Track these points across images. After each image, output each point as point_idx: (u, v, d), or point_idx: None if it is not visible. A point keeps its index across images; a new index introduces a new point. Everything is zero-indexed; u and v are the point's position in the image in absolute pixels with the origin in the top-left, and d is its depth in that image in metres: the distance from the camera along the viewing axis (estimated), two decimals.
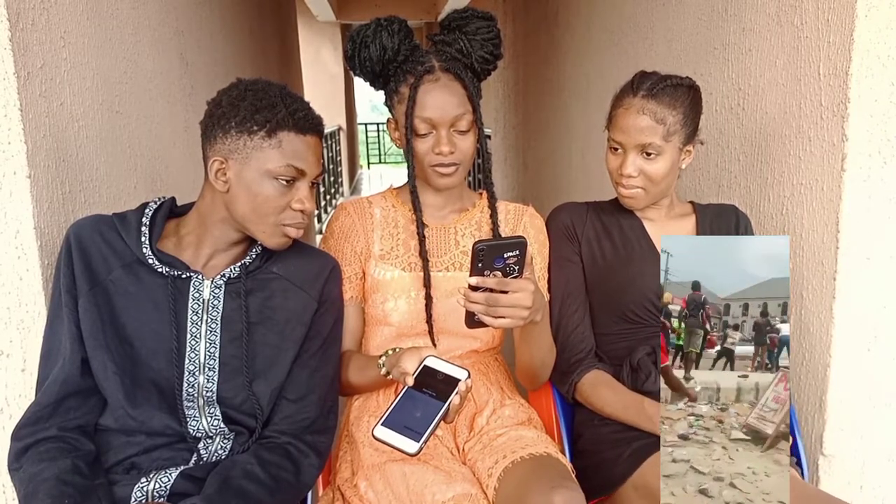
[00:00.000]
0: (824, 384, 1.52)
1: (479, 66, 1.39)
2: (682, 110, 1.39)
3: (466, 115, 1.34)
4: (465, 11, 1.39)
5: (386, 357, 1.24)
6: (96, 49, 1.45)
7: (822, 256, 1.50)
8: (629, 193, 1.45)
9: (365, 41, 1.36)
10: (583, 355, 1.48)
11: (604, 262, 1.50)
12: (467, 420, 1.37)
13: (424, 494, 1.17)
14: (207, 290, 1.20)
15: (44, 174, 1.23)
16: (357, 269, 1.42)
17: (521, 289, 1.11)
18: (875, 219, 1.45)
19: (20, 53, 1.17)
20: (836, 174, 1.45)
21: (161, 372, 1.16)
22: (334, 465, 1.39)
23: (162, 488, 1.12)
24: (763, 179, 1.68)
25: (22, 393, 1.24)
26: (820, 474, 1.55)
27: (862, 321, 1.49)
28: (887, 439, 1.55)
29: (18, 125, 1.17)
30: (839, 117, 1.43)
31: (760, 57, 1.67)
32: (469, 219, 1.47)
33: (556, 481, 1.15)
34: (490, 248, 1.08)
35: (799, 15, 1.53)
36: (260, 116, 1.13)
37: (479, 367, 1.44)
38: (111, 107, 1.51)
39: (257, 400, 1.20)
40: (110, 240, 1.18)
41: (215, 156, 1.16)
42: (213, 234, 1.21)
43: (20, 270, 1.21)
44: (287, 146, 1.15)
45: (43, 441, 1.10)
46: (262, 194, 1.15)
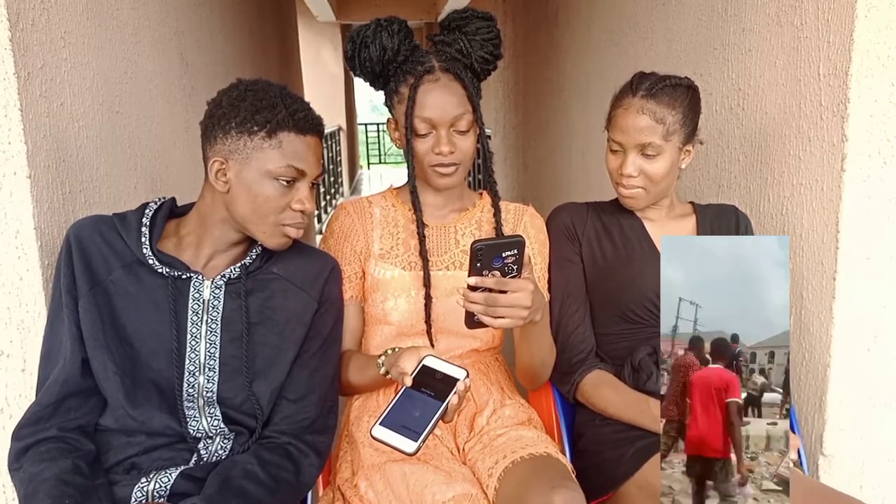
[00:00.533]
0: (824, 384, 1.52)
1: (478, 67, 1.39)
2: (682, 110, 1.39)
3: (466, 115, 1.34)
4: (464, 12, 1.39)
5: (385, 356, 1.24)
6: (96, 49, 1.45)
7: (822, 256, 1.50)
8: (629, 193, 1.45)
9: (365, 41, 1.37)
10: (584, 355, 1.48)
11: (604, 262, 1.50)
12: (467, 420, 1.37)
13: (424, 494, 1.17)
14: (207, 290, 1.20)
15: (44, 174, 1.23)
16: (357, 269, 1.42)
17: (520, 288, 1.11)
18: (875, 219, 1.45)
19: (20, 54, 1.17)
20: (836, 174, 1.45)
21: (161, 372, 1.16)
22: (334, 465, 1.39)
23: (162, 488, 1.12)
24: (763, 180, 1.68)
25: (22, 393, 1.24)
26: (820, 474, 1.55)
27: (862, 321, 1.49)
28: (887, 439, 1.55)
29: (19, 125, 1.17)
30: (839, 117, 1.43)
31: (760, 57, 1.67)
32: (469, 218, 1.47)
33: (556, 481, 1.15)
34: (488, 247, 1.08)
35: (799, 15, 1.53)
36: (260, 117, 1.14)
37: (479, 366, 1.44)
38: (111, 107, 1.51)
39: (257, 400, 1.20)
40: (110, 240, 1.18)
41: (215, 156, 1.16)
42: (213, 234, 1.21)
43: (20, 270, 1.21)
44: (287, 146, 1.15)
45: (43, 441, 1.10)
46: (262, 195, 1.15)
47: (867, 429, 1.54)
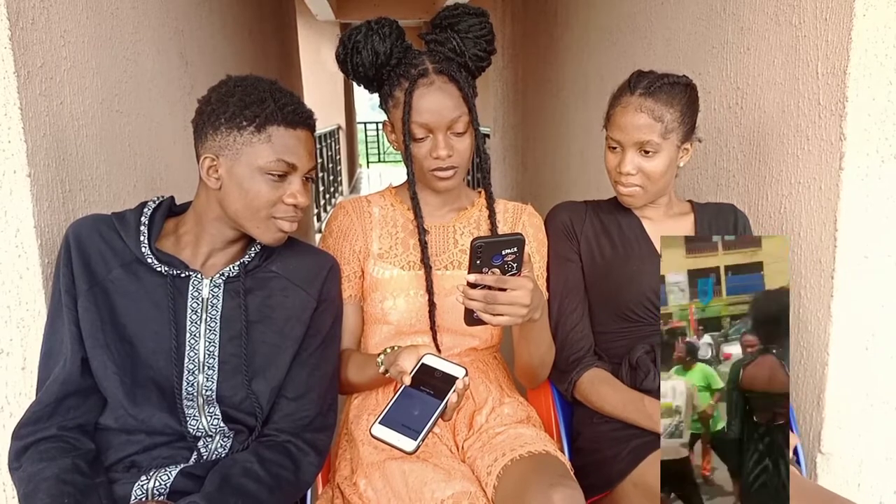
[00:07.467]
0: (822, 382, 1.52)
1: (473, 65, 1.37)
2: (680, 108, 1.39)
3: (463, 117, 1.33)
4: (455, 9, 1.37)
5: (384, 355, 1.24)
6: (96, 48, 1.45)
7: (820, 255, 1.50)
8: (628, 192, 1.45)
9: (356, 46, 1.34)
10: (582, 353, 1.48)
11: (602, 260, 1.50)
12: (466, 418, 1.37)
13: (424, 492, 1.17)
14: (206, 288, 1.20)
15: (44, 173, 1.23)
16: (356, 268, 1.42)
17: (520, 286, 1.11)
18: (873, 217, 1.46)
19: (20, 52, 1.17)
20: (835, 173, 1.45)
21: (161, 371, 1.16)
22: (334, 464, 1.39)
23: (162, 486, 1.12)
24: (761, 178, 1.68)
25: (22, 391, 1.24)
26: (818, 472, 1.56)
27: (860, 319, 1.50)
28: (885, 437, 1.56)
29: (18, 124, 1.17)
30: (837, 116, 1.43)
31: (759, 56, 1.67)
32: (468, 218, 1.47)
33: (555, 479, 1.15)
34: (488, 245, 1.08)
35: (797, 14, 1.53)
36: (249, 112, 1.13)
37: (478, 365, 1.45)
38: (111, 106, 1.51)
39: (257, 398, 1.20)
40: (109, 239, 1.18)
41: (206, 153, 1.16)
42: (209, 232, 1.21)
43: (20, 269, 1.21)
44: (277, 141, 1.14)
45: (43, 440, 1.11)
46: (253, 190, 1.15)
47: (865, 427, 1.54)
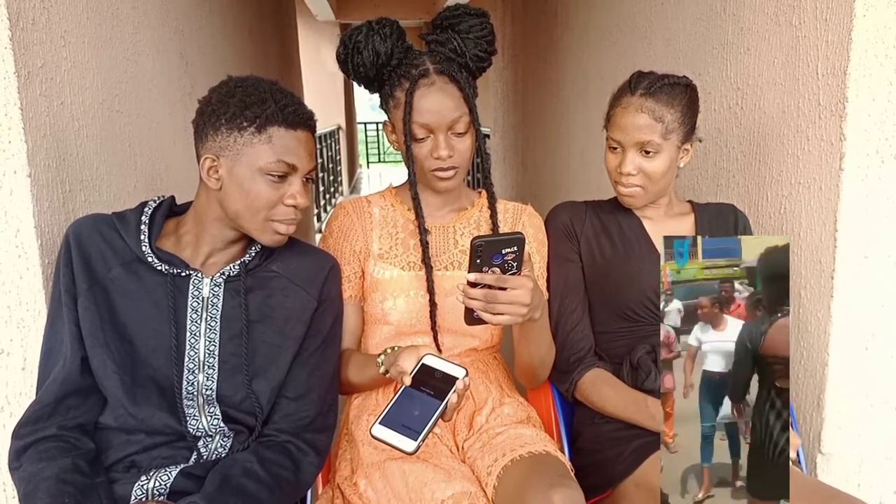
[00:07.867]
0: (822, 382, 1.52)
1: (473, 65, 1.38)
2: (680, 108, 1.39)
3: (463, 118, 1.33)
4: (456, 9, 1.37)
5: (384, 355, 1.24)
6: (96, 48, 1.45)
7: (821, 255, 1.50)
8: (628, 192, 1.45)
9: (357, 47, 1.34)
10: (582, 354, 1.48)
11: (603, 260, 1.50)
12: (466, 418, 1.37)
13: (424, 492, 1.17)
14: (207, 288, 1.20)
15: (44, 173, 1.23)
16: (356, 268, 1.42)
17: (520, 286, 1.11)
18: (873, 218, 1.46)
19: (20, 53, 1.17)
20: (835, 173, 1.45)
21: (161, 370, 1.16)
22: (334, 464, 1.39)
23: (162, 486, 1.12)
24: (761, 179, 1.68)
25: (22, 391, 1.24)
26: (818, 472, 1.56)
27: (860, 319, 1.50)
28: (885, 437, 1.56)
29: (19, 124, 1.17)
30: (837, 116, 1.43)
31: (759, 56, 1.67)
32: (468, 218, 1.47)
33: (555, 479, 1.15)
34: (488, 244, 1.08)
35: (797, 14, 1.53)
36: (249, 112, 1.13)
37: (478, 365, 1.45)
38: (111, 106, 1.51)
39: (257, 398, 1.20)
40: (109, 238, 1.18)
41: (207, 153, 1.16)
42: (209, 232, 1.21)
43: (20, 269, 1.21)
44: (277, 141, 1.14)
45: (43, 440, 1.11)
46: (253, 190, 1.15)
47: (865, 427, 1.54)
